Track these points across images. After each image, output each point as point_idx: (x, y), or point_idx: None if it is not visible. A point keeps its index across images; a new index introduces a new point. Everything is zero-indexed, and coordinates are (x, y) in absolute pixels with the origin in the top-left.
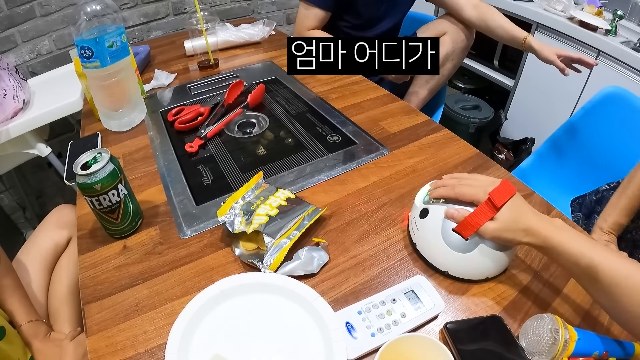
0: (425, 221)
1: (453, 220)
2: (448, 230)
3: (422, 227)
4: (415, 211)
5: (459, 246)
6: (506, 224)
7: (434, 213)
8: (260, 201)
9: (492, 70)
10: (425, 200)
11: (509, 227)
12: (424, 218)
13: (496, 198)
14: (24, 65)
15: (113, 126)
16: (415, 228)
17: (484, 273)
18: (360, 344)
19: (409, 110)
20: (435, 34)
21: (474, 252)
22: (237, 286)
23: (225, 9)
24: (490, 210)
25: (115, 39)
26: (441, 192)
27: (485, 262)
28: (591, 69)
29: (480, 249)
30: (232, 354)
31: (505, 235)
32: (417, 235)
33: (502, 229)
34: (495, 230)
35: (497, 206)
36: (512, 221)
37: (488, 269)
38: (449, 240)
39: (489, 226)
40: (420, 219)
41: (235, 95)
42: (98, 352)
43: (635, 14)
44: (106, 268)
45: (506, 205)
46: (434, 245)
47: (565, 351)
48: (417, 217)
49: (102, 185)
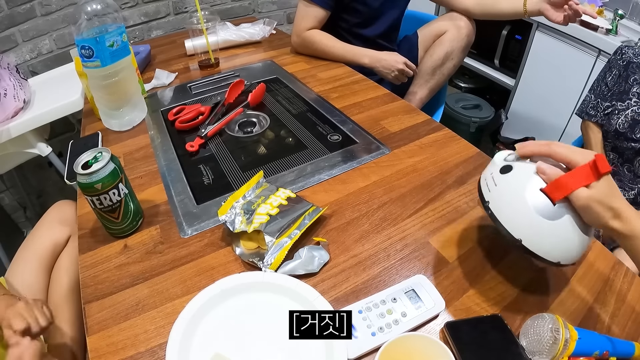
0: (506, 176)
1: (544, 177)
2: (534, 190)
3: (501, 182)
4: (493, 167)
5: (543, 210)
6: (601, 195)
7: (519, 169)
8: (261, 200)
9: (492, 70)
10: (507, 159)
11: (603, 201)
12: (505, 174)
13: (601, 163)
14: (24, 64)
15: (114, 125)
16: (492, 183)
17: (561, 254)
18: (361, 343)
19: (410, 109)
20: (436, 33)
21: (559, 222)
22: (238, 285)
23: (225, 8)
24: (590, 174)
25: (116, 39)
26: (532, 148)
27: (567, 239)
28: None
29: (567, 220)
30: (233, 353)
31: (596, 209)
32: (492, 192)
33: (596, 199)
34: (589, 198)
35: (601, 172)
36: (606, 195)
37: (568, 248)
38: (533, 200)
39: (583, 192)
40: (501, 174)
41: (236, 95)
42: (99, 351)
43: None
44: (107, 267)
45: (605, 177)
46: (513, 205)
47: (565, 351)
48: (495, 173)
49: (103, 185)
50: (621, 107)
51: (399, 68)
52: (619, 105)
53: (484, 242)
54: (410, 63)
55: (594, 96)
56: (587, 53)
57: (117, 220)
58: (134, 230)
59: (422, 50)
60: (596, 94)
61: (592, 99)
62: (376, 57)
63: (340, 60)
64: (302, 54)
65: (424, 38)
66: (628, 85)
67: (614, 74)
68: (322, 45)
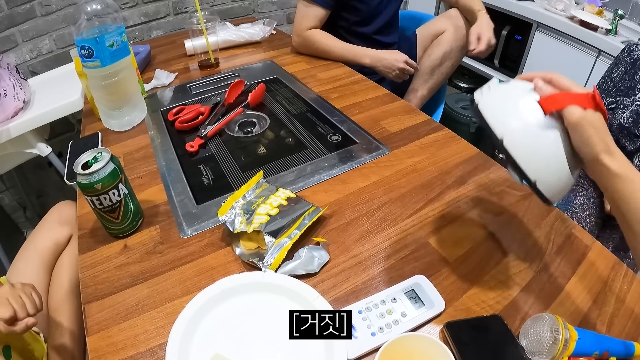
0: (503, 85)
1: (541, 92)
2: (528, 100)
3: (497, 89)
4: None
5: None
6: (596, 122)
7: (517, 83)
8: (261, 200)
9: (492, 70)
10: None
11: (597, 127)
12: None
13: (600, 99)
14: (24, 64)
15: (113, 125)
16: (487, 89)
17: (540, 170)
18: (361, 343)
19: (410, 109)
20: (434, 32)
21: (546, 133)
22: (238, 285)
23: (225, 9)
24: (588, 101)
25: (116, 39)
26: (534, 74)
27: (550, 155)
28: None
29: (555, 135)
30: (233, 354)
31: (589, 131)
32: (484, 94)
33: (589, 122)
34: (582, 117)
35: (598, 102)
36: (601, 125)
37: (548, 166)
38: (525, 106)
39: (578, 109)
40: (498, 84)
41: (236, 95)
42: (99, 351)
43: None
44: (107, 267)
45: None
46: (502, 105)
47: (565, 351)
48: (492, 82)
49: (103, 185)
50: (627, 102)
51: (399, 67)
52: (624, 100)
53: (484, 242)
54: (411, 61)
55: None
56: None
57: (117, 221)
58: (134, 231)
59: (421, 50)
60: (601, 90)
61: None
62: (377, 56)
63: (340, 60)
64: (303, 53)
65: (422, 38)
66: (634, 82)
67: (620, 70)
68: (323, 45)
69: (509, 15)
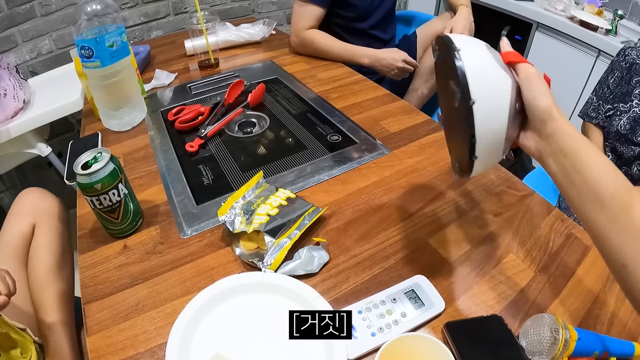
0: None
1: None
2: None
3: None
4: None
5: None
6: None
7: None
8: (261, 201)
9: None
10: None
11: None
12: None
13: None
14: (24, 64)
15: (113, 126)
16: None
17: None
18: (361, 343)
19: (410, 109)
20: (434, 32)
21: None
22: (238, 286)
23: (225, 9)
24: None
25: (116, 39)
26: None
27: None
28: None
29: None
30: (233, 354)
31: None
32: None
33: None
34: (534, 75)
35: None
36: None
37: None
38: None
39: (531, 68)
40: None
41: (236, 95)
42: (98, 351)
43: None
44: (106, 267)
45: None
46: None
47: (565, 351)
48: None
49: (103, 185)
50: (623, 108)
51: (398, 66)
52: (621, 106)
53: (484, 242)
54: (410, 59)
55: (595, 98)
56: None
57: (116, 221)
58: (134, 231)
59: (421, 50)
60: (598, 96)
61: (594, 100)
62: (376, 56)
63: (339, 59)
64: (301, 54)
65: (422, 38)
66: (631, 87)
67: (616, 76)
68: (322, 45)
69: (509, 15)
